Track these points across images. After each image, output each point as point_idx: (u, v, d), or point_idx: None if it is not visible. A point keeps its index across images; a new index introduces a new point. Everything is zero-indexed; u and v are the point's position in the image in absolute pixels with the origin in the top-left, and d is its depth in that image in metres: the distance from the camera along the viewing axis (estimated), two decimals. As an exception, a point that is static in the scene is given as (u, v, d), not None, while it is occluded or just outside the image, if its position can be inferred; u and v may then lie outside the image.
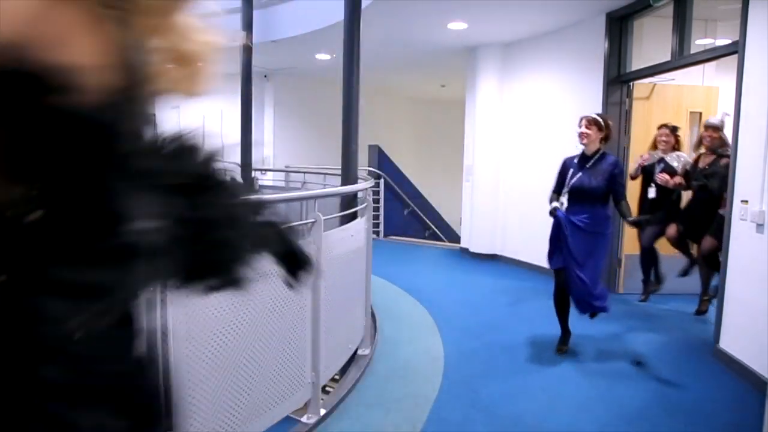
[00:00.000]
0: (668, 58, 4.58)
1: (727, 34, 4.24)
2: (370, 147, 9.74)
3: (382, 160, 9.77)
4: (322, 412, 2.75)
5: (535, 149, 6.32)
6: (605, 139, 3.56)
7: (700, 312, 4.54)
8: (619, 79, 5.28)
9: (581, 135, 3.52)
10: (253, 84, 7.05)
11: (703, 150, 4.49)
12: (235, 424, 2.13)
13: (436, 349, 3.80)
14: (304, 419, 2.68)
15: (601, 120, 3.54)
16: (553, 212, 3.61)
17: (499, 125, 6.96)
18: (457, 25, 6.04)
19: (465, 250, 7.46)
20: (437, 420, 2.77)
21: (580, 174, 3.52)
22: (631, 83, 5.23)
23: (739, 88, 3.41)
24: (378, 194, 9.20)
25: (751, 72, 3.33)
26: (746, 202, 3.34)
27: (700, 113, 5.25)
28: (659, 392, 3.12)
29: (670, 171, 4.61)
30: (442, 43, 6.90)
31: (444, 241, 9.64)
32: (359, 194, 3.82)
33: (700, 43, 4.64)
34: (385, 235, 9.26)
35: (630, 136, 5.22)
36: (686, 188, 4.57)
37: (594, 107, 5.36)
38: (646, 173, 4.78)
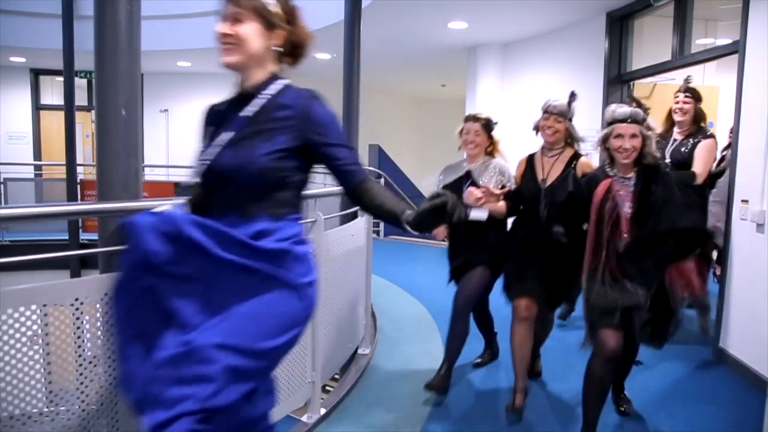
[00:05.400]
0: (668, 57, 4.58)
1: (728, 33, 4.23)
2: (370, 146, 9.74)
3: (382, 160, 9.76)
4: (323, 411, 2.75)
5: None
6: (292, 55, 1.51)
7: (534, 373, 3.15)
8: (619, 79, 5.28)
9: (219, 40, 1.41)
10: (253, 84, 7.05)
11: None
12: (235, 423, 2.13)
13: (436, 348, 3.79)
14: (304, 419, 2.68)
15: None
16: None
17: (499, 125, 6.96)
18: (457, 25, 6.04)
19: (465, 250, 7.46)
20: (437, 420, 2.77)
21: (227, 137, 1.42)
22: (631, 83, 5.23)
23: (739, 88, 3.40)
24: (378, 194, 9.19)
25: (752, 72, 3.32)
26: (746, 201, 3.33)
27: (701, 113, 5.25)
28: (659, 392, 3.12)
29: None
30: (442, 42, 6.90)
31: (445, 241, 9.63)
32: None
33: (700, 42, 4.64)
34: (385, 235, 9.26)
35: (630, 135, 5.22)
36: (511, 214, 2.96)
37: (594, 107, 5.36)
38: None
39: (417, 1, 5.23)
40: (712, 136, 3.57)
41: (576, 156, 2.88)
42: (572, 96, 2.97)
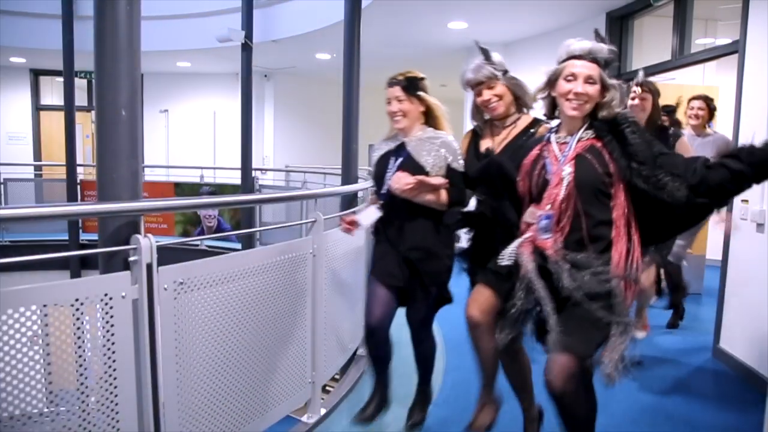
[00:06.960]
0: (668, 57, 4.58)
1: (728, 33, 4.23)
2: (370, 147, 9.73)
3: (382, 160, 9.76)
4: (323, 411, 2.75)
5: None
6: None
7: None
8: (619, 79, 5.27)
9: None
10: (253, 84, 7.06)
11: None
12: (235, 424, 2.13)
13: (437, 348, 3.79)
14: (304, 419, 2.68)
15: None
16: None
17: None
18: (457, 25, 6.04)
19: (465, 250, 7.45)
20: (438, 420, 2.76)
21: None
22: (631, 82, 5.22)
23: (739, 88, 3.40)
24: (378, 194, 9.18)
25: (752, 71, 3.32)
26: (746, 201, 3.33)
27: (701, 113, 5.25)
28: (659, 392, 3.12)
29: (417, 170, 2.28)
30: (442, 43, 6.90)
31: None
32: (359, 194, 3.82)
33: (700, 42, 4.64)
34: (386, 235, 9.26)
35: (630, 135, 5.22)
36: (457, 203, 2.32)
37: (594, 107, 5.37)
38: (376, 174, 2.48)
39: (417, 1, 5.23)
40: (678, 134, 3.40)
41: (536, 122, 2.28)
42: (481, 48, 2.32)
